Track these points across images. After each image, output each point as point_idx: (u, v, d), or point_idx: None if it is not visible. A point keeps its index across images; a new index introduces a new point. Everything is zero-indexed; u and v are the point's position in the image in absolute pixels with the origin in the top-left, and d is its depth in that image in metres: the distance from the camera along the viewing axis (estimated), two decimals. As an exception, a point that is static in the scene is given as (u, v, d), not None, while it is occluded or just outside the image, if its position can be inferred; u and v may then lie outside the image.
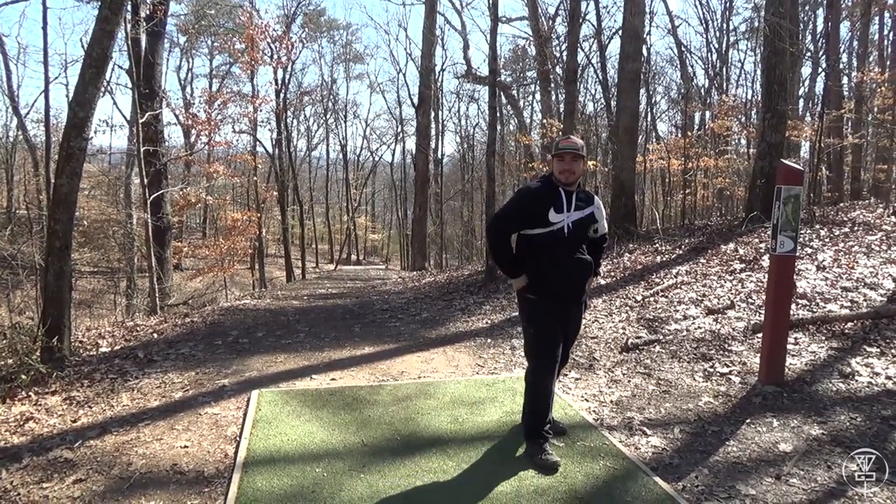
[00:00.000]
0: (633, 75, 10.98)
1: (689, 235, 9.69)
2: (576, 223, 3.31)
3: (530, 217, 3.29)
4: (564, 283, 3.34)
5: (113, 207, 21.25)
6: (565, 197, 3.29)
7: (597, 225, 3.45)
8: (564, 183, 3.30)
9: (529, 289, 3.35)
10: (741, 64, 23.87)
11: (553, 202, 3.27)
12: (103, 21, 5.87)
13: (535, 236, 3.30)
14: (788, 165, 4.34)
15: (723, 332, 5.49)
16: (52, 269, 5.74)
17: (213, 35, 28.25)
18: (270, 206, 28.35)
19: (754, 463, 3.34)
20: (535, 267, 3.32)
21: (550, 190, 3.32)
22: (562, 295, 3.35)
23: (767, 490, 3.05)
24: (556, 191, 3.30)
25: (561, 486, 3.09)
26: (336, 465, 3.35)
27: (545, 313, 3.34)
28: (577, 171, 3.31)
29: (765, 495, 3.00)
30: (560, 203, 3.28)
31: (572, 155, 3.28)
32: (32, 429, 4.03)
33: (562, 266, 3.30)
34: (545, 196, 3.30)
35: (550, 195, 3.29)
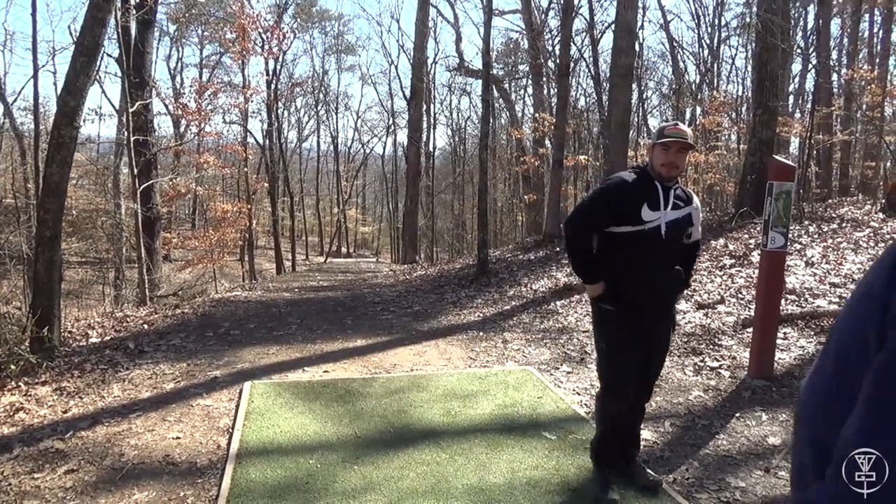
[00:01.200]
0: (626, 70, 10.99)
1: (680, 230, 9.75)
2: (671, 224, 2.79)
3: (619, 212, 2.78)
4: (650, 292, 2.81)
5: (101, 197, 21.06)
6: (662, 193, 2.79)
7: (692, 229, 2.94)
8: (664, 177, 2.81)
9: (607, 297, 2.85)
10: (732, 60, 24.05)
11: (648, 197, 2.77)
12: (95, 8, 5.81)
13: (622, 235, 2.80)
14: (780, 161, 4.37)
15: (713, 327, 5.53)
16: (42, 258, 5.69)
17: (203, 24, 27.99)
18: (261, 197, 28.19)
19: (744, 456, 3.38)
20: (617, 271, 2.82)
21: (646, 183, 2.82)
22: (646, 306, 2.82)
23: (757, 482, 3.09)
24: (652, 184, 2.81)
25: (553, 479, 3.11)
26: (329, 456, 3.36)
27: (623, 327, 2.83)
28: (681, 165, 2.84)
29: (754, 488, 3.04)
30: (656, 199, 2.78)
31: (680, 145, 2.77)
32: (23, 419, 4.01)
33: (650, 272, 2.79)
34: (640, 189, 2.80)
35: (646, 189, 2.80)
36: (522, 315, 6.86)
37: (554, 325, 6.34)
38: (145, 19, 14.94)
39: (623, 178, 2.88)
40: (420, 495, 2.95)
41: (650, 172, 2.84)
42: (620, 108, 11.04)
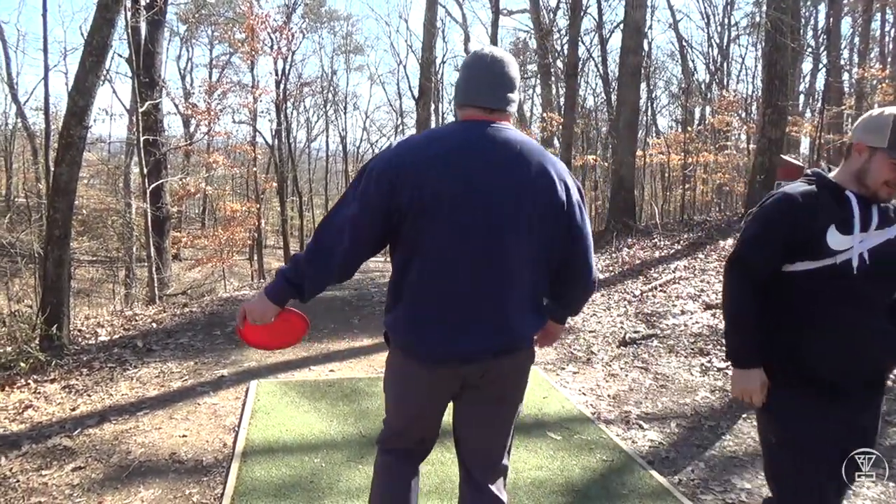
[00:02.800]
0: (634, 69, 10.97)
1: (688, 230, 9.70)
2: (876, 253, 1.81)
3: (794, 240, 1.85)
4: (848, 363, 1.83)
5: (112, 196, 21.21)
6: (859, 209, 1.83)
7: None
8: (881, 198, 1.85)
9: (779, 375, 1.88)
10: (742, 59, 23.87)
11: (836, 216, 1.83)
12: (103, 9, 5.85)
13: (799, 276, 1.87)
14: (788, 161, 4.35)
15: (720, 327, 5.51)
16: (52, 257, 5.74)
17: (213, 24, 28.10)
18: (270, 197, 28.28)
19: (750, 457, 3.36)
20: (795, 333, 1.87)
21: (832, 195, 1.87)
22: (843, 384, 1.83)
23: (762, 484, 3.07)
24: (841, 198, 1.85)
25: (558, 479, 3.11)
26: (334, 455, 3.37)
27: (809, 418, 1.84)
28: None
29: (760, 489, 3.02)
30: (850, 219, 1.82)
31: None
32: (31, 416, 4.04)
33: (846, 330, 1.82)
34: (823, 207, 1.85)
35: (833, 205, 1.85)
36: (529, 315, 6.86)
37: (560, 325, 6.34)
38: (155, 20, 15.03)
39: (793, 194, 1.90)
40: (424, 494, 2.96)
41: (844, 184, 1.87)
42: (629, 108, 11.02)
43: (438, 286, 1.85)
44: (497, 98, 1.87)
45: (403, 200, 1.77)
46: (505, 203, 1.80)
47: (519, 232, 1.81)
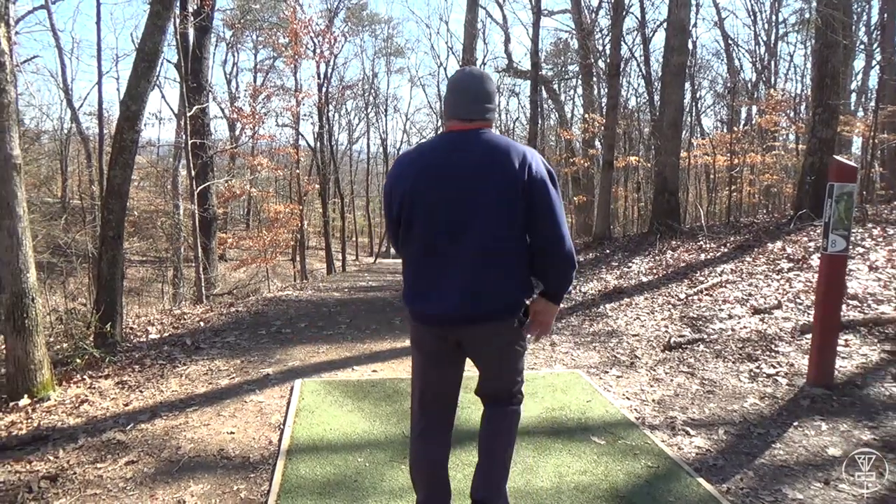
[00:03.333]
0: (678, 69, 10.78)
1: (735, 233, 9.48)
2: None
3: None
4: None
5: (161, 198, 21.80)
6: None
7: None
8: None
9: None
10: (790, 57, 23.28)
11: None
12: (155, 16, 6.03)
13: None
14: (841, 161, 4.22)
15: (769, 333, 5.37)
16: (106, 257, 5.93)
17: (257, 30, 28.68)
18: (312, 198, 28.72)
19: (802, 467, 3.27)
20: None
21: None
22: None
23: (815, 495, 2.98)
24: None
25: (602, 484, 3.08)
26: (377, 455, 3.40)
27: None
28: None
29: (812, 500, 2.94)
30: None
31: None
32: (87, 411, 4.18)
33: None
34: None
35: None
36: (571, 318, 6.80)
37: (603, 328, 6.26)
38: (203, 26, 15.43)
39: None
40: (467, 497, 2.95)
41: None
42: (673, 108, 10.84)
43: (421, 264, 2.35)
44: (473, 111, 2.32)
45: (396, 204, 2.33)
46: (472, 188, 2.23)
47: (487, 209, 2.22)
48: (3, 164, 4.21)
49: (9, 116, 4.23)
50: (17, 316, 4.25)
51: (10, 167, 4.23)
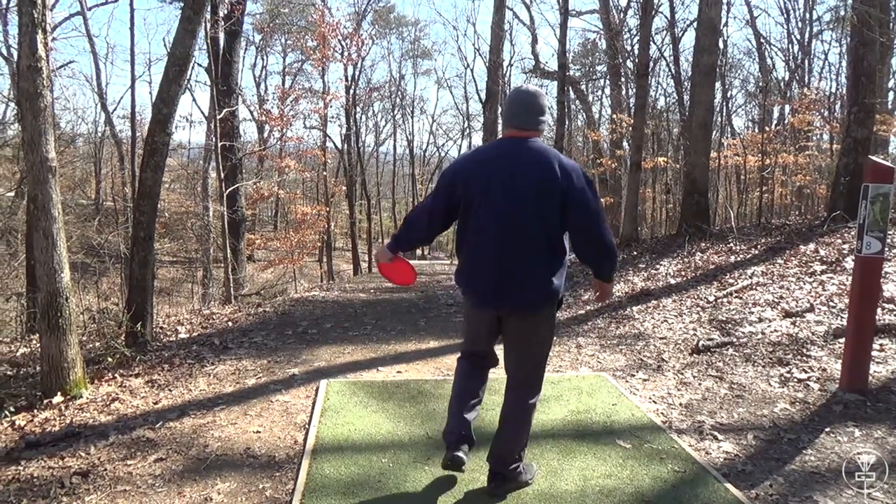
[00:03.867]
0: (708, 68, 10.62)
1: (766, 235, 9.31)
2: None
3: None
4: None
5: (191, 200, 22.16)
6: None
7: None
8: None
9: None
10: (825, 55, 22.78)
11: None
12: (186, 21, 6.12)
13: None
14: (877, 162, 4.11)
15: (801, 336, 5.26)
16: (137, 258, 6.04)
17: (286, 33, 29.01)
18: (339, 200, 28.94)
19: (833, 474, 3.19)
20: None
21: None
22: None
23: (848, 503, 2.92)
24: None
25: (627, 488, 3.04)
26: (402, 456, 3.41)
27: None
28: None
29: (845, 508, 2.87)
30: None
31: None
32: (118, 409, 4.26)
33: None
34: None
35: None
36: (597, 320, 6.74)
37: (630, 330, 6.20)
38: (233, 30, 15.65)
39: None
40: (490, 499, 2.95)
41: None
42: (703, 108, 10.68)
43: (475, 251, 2.83)
44: (527, 121, 2.79)
45: (458, 192, 2.81)
46: (520, 188, 2.69)
47: (529, 206, 2.69)
48: (40, 167, 4.31)
49: (45, 120, 4.33)
50: (51, 315, 4.35)
51: (45, 170, 4.33)
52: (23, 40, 4.29)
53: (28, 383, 4.72)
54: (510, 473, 2.95)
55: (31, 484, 3.19)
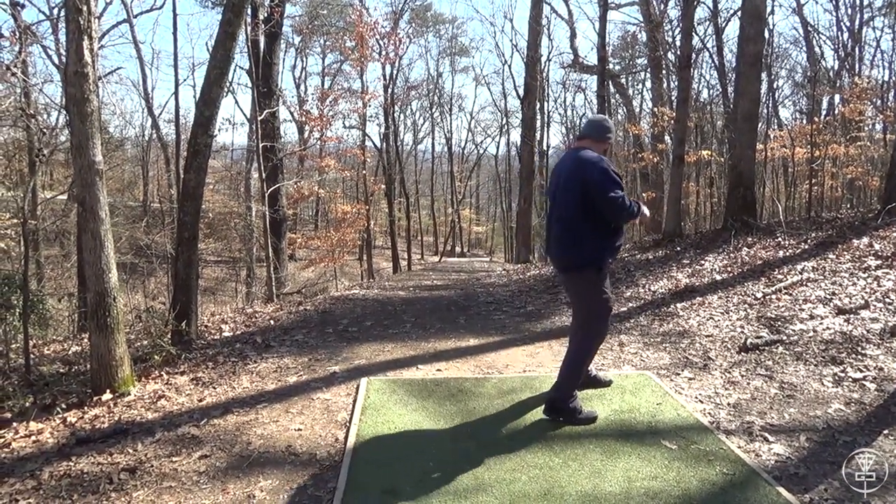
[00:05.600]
0: (754, 58, 10.31)
1: (816, 229, 8.99)
2: None
3: None
4: None
5: (234, 200, 22.60)
6: None
7: None
8: None
9: None
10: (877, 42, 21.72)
11: None
12: (226, 24, 6.22)
13: None
14: (937, 152, 3.92)
15: (855, 334, 5.06)
16: (182, 258, 6.16)
17: (325, 34, 29.30)
18: (378, 198, 29.10)
19: (893, 478, 3.05)
20: None
21: None
22: None
23: (909, 509, 2.78)
24: None
25: (674, 491, 2.96)
26: (443, 455, 3.39)
27: None
28: None
29: (906, 514, 2.74)
30: None
31: None
32: (164, 406, 4.35)
33: None
34: None
35: None
36: (640, 317, 6.60)
37: (674, 328, 6.05)
38: (272, 32, 15.85)
39: None
40: (532, 499, 2.91)
41: None
42: (748, 100, 10.37)
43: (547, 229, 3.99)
44: (581, 132, 3.95)
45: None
46: (562, 181, 3.73)
47: (564, 195, 3.69)
48: (87, 170, 4.42)
49: (92, 124, 4.44)
50: (100, 314, 4.46)
51: (93, 173, 4.44)
52: (70, 47, 4.41)
53: (79, 381, 4.85)
54: (561, 404, 3.74)
55: (82, 479, 3.27)
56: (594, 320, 3.79)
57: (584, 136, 3.85)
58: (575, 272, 3.74)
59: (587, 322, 3.81)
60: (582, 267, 3.69)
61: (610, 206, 3.54)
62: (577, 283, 3.79)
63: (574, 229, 3.65)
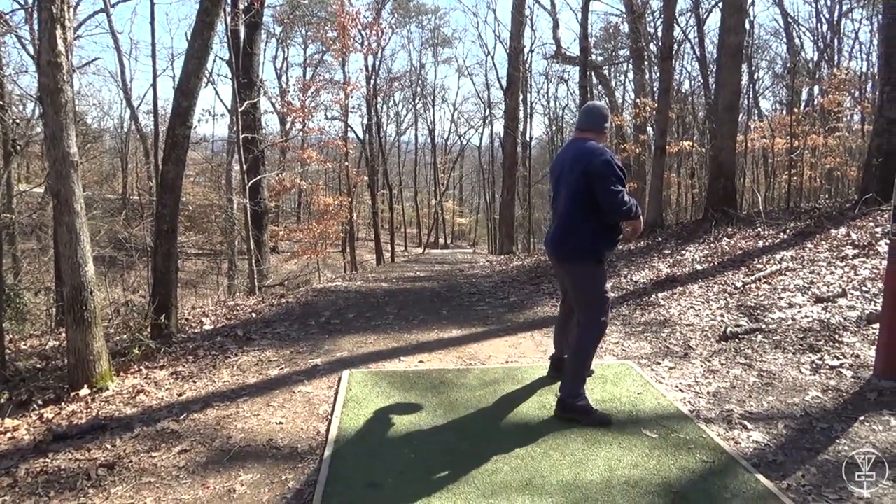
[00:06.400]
0: (735, 50, 10.37)
1: (795, 219, 9.09)
2: None
3: None
4: None
5: (215, 193, 22.40)
6: None
7: None
8: None
9: None
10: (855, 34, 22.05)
11: None
12: (204, 13, 6.12)
13: None
14: (913, 142, 3.97)
15: (833, 322, 5.12)
16: (161, 251, 6.09)
17: (306, 24, 29.03)
18: (361, 190, 29.03)
19: (870, 465, 3.09)
20: None
21: None
22: None
23: (884, 493, 2.82)
24: None
25: (654, 479, 2.98)
26: (425, 447, 3.38)
27: None
28: None
29: (881, 499, 2.78)
30: None
31: None
32: (143, 401, 4.30)
33: None
34: None
35: None
36: (621, 307, 6.64)
37: (655, 317, 6.10)
38: (253, 22, 15.67)
39: None
40: (514, 490, 2.91)
41: None
42: (729, 91, 10.44)
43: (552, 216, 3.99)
44: (582, 125, 3.85)
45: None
46: (565, 173, 3.74)
47: (567, 187, 3.69)
48: (62, 162, 4.34)
49: (66, 115, 4.35)
50: (76, 308, 4.39)
51: (68, 165, 4.36)
52: (43, 36, 4.31)
53: (56, 376, 4.78)
54: (570, 401, 3.67)
55: (59, 476, 3.22)
56: (594, 313, 3.69)
57: (586, 128, 3.78)
58: (572, 263, 3.69)
59: (587, 315, 3.71)
60: (579, 258, 3.65)
61: (610, 200, 3.48)
62: (575, 274, 3.72)
63: (574, 220, 3.62)
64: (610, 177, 3.48)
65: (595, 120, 3.80)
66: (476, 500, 2.83)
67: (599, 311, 3.70)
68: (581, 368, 3.70)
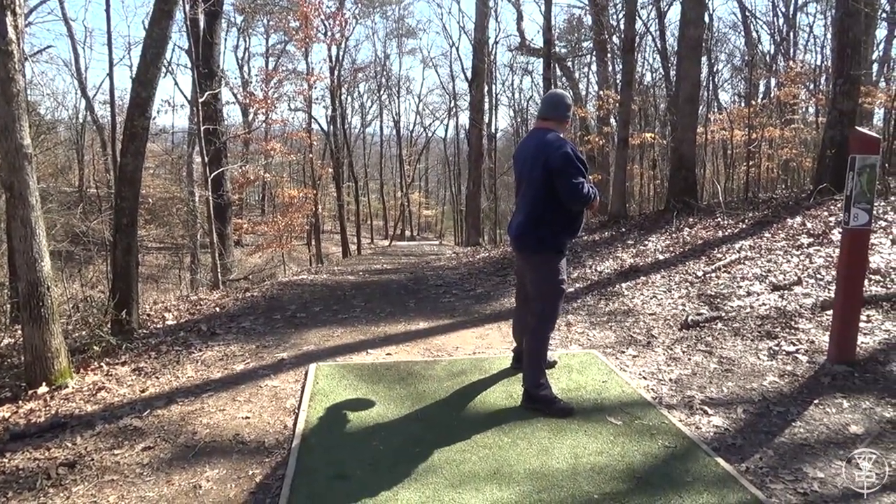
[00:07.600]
0: (695, 42, 10.55)
1: (753, 209, 9.32)
2: None
3: None
4: None
5: (176, 185, 21.93)
6: None
7: None
8: None
9: None
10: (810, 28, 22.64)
11: None
12: (162, 1, 5.99)
13: None
14: (864, 133, 4.10)
15: (789, 309, 5.28)
16: (120, 245, 5.96)
17: (268, 14, 28.52)
18: (326, 182, 28.74)
19: (823, 445, 3.21)
20: None
21: None
22: None
23: (837, 473, 2.93)
24: None
25: (618, 465, 3.04)
26: (392, 438, 3.39)
27: None
28: None
29: (834, 479, 2.88)
30: None
31: None
32: (104, 398, 4.22)
33: None
34: None
35: None
36: (586, 297, 6.74)
37: (619, 307, 6.20)
38: (213, 11, 15.33)
39: None
40: (482, 479, 2.94)
41: None
42: (689, 83, 10.63)
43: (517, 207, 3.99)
44: (543, 113, 3.88)
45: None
46: (528, 165, 3.75)
47: (530, 178, 3.71)
48: (15, 154, 4.21)
49: (18, 105, 4.22)
50: (32, 305, 4.28)
51: (21, 157, 4.23)
52: (-9, 23, 4.16)
53: (12, 374, 4.66)
54: (532, 391, 3.73)
55: (17, 476, 3.14)
56: (547, 304, 3.76)
57: (548, 117, 3.79)
58: (534, 254, 3.74)
59: (542, 305, 3.77)
60: (541, 250, 3.69)
61: (570, 193, 3.53)
62: (534, 265, 3.77)
63: (537, 212, 3.65)
64: (569, 169, 3.53)
65: (557, 109, 3.81)
66: (444, 490, 2.85)
67: (554, 302, 3.79)
68: (537, 357, 3.75)
